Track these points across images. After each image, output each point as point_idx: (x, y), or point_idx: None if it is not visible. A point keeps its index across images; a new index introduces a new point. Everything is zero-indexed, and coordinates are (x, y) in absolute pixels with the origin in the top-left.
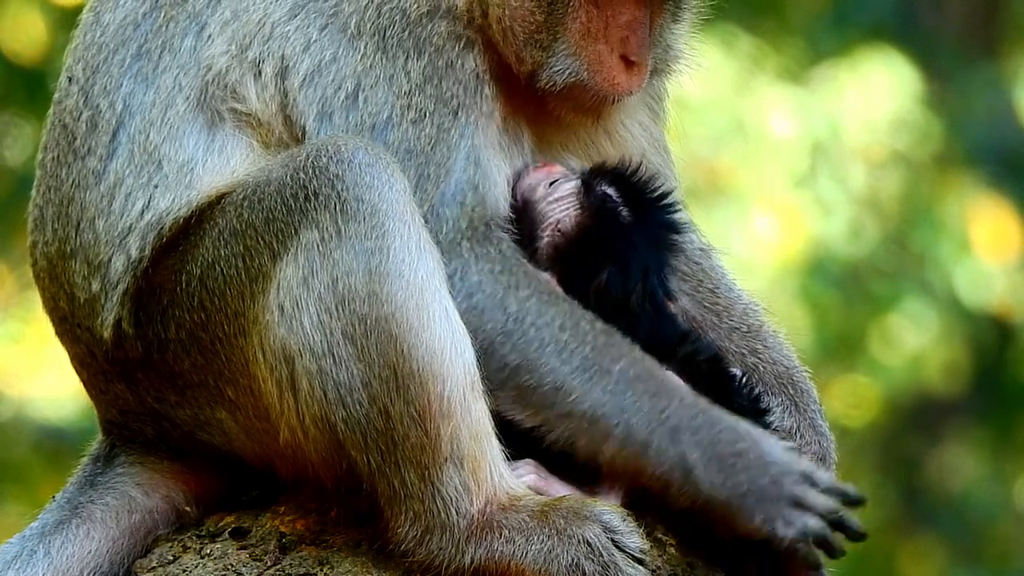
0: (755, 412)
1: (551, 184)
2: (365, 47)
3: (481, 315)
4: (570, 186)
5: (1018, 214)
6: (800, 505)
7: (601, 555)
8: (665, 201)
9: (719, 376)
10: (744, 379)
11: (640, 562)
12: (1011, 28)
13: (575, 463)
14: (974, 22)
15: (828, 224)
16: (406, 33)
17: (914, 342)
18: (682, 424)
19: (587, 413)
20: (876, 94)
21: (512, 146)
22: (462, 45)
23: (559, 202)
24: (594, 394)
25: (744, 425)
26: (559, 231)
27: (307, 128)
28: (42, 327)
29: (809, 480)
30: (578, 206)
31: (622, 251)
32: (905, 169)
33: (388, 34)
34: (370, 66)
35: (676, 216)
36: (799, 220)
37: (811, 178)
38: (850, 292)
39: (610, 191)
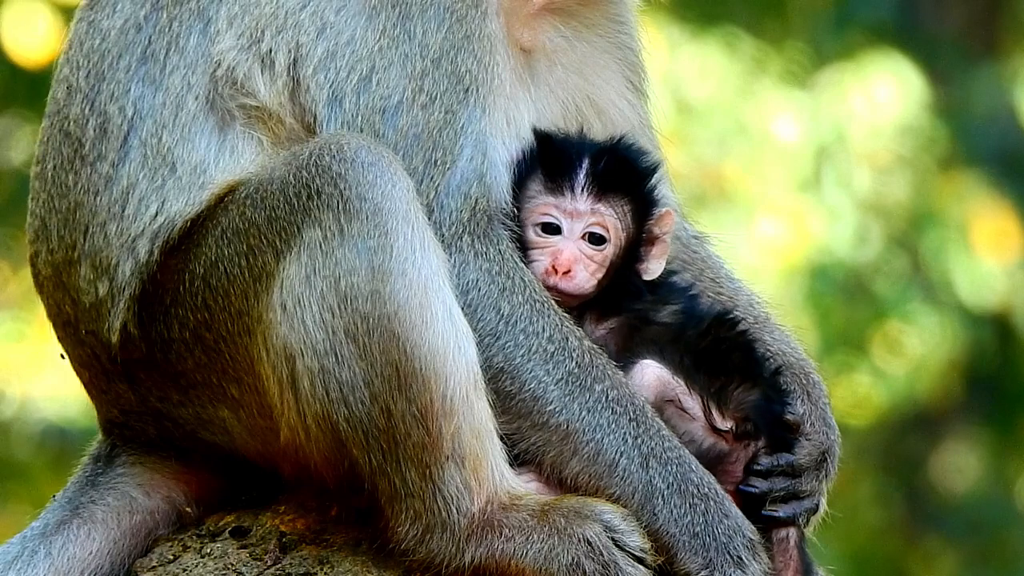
0: (775, 388)
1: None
2: (384, 22)
3: (474, 313)
4: (612, 212)
5: (1018, 214)
6: (740, 567)
7: (601, 554)
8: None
9: (748, 344)
10: (767, 354)
11: (640, 561)
12: (1012, 28)
13: None
14: (975, 22)
15: (833, 229)
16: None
17: (917, 345)
18: (655, 452)
19: (561, 426)
20: (880, 98)
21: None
22: (483, 9)
23: (613, 219)
24: (572, 408)
25: (712, 477)
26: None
27: (318, 115)
28: (45, 327)
29: (754, 548)
30: (620, 218)
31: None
32: (911, 174)
33: (412, 1)
34: (387, 45)
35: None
36: (804, 225)
37: (816, 183)
38: (855, 297)
39: (611, 169)
